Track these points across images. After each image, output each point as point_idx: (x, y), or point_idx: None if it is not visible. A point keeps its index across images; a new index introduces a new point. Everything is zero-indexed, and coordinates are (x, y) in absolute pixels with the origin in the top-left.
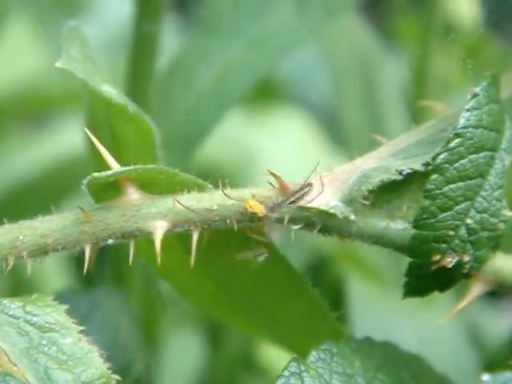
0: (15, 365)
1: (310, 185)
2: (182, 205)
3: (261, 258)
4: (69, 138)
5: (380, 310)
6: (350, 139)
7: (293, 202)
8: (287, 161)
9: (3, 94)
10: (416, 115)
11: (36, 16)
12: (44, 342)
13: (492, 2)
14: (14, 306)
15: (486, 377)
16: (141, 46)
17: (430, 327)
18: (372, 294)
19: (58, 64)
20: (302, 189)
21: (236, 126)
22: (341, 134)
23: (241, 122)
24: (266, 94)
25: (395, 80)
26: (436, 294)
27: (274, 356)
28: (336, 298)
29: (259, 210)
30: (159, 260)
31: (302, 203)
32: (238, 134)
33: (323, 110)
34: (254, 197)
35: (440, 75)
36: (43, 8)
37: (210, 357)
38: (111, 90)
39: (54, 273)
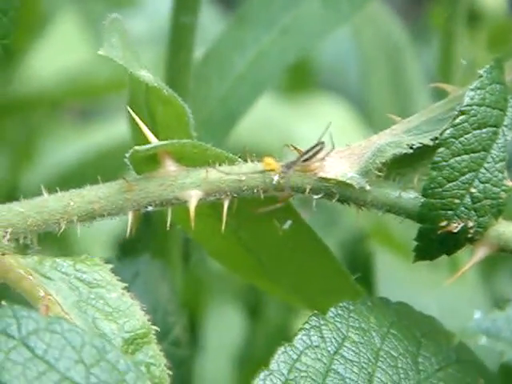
0: (67, 314)
1: (321, 143)
2: (214, 174)
3: (286, 225)
4: (116, 126)
5: (405, 281)
6: (377, 122)
7: (306, 160)
8: (325, 139)
9: (54, 83)
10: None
11: (84, 10)
12: (92, 296)
13: None
14: (65, 264)
15: (477, 314)
16: (179, 37)
17: (453, 298)
18: (398, 267)
19: (101, 52)
20: (313, 147)
21: (275, 111)
22: (370, 118)
23: (280, 108)
24: (304, 80)
25: (425, 67)
26: (460, 265)
27: None
28: (368, 271)
29: (275, 166)
30: (193, 225)
31: (314, 161)
32: (277, 119)
33: (360, 95)
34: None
35: (468, 61)
36: (91, 3)
37: (250, 328)
38: (148, 75)
39: (99, 250)
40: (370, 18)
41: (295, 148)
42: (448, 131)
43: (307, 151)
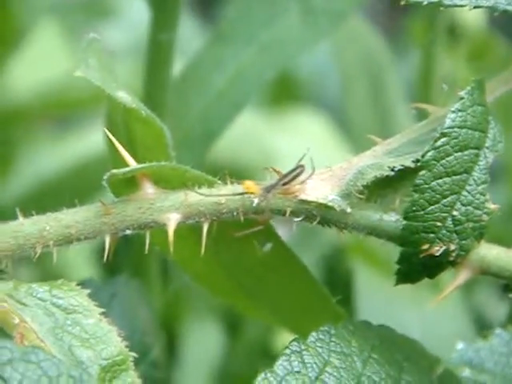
0: (42, 341)
1: (301, 166)
2: (193, 196)
3: (266, 248)
4: (94, 137)
5: (385, 298)
6: (358, 139)
7: (286, 183)
8: (305, 159)
9: (32, 95)
10: (422, 115)
11: (63, 21)
12: (68, 322)
13: None
14: (41, 289)
15: (460, 345)
16: (157, 54)
17: (433, 315)
18: (378, 283)
19: (78, 73)
20: (293, 170)
21: (254, 124)
22: (350, 132)
23: (259, 121)
24: (285, 94)
25: (404, 81)
26: (441, 284)
27: None
28: (348, 286)
29: (254, 189)
30: (172, 249)
31: (294, 184)
32: (257, 133)
33: (340, 106)
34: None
35: (449, 74)
36: (70, 13)
37: (229, 344)
38: (126, 96)
39: (80, 264)
40: (350, 34)
41: (275, 170)
42: (429, 153)
43: (287, 174)
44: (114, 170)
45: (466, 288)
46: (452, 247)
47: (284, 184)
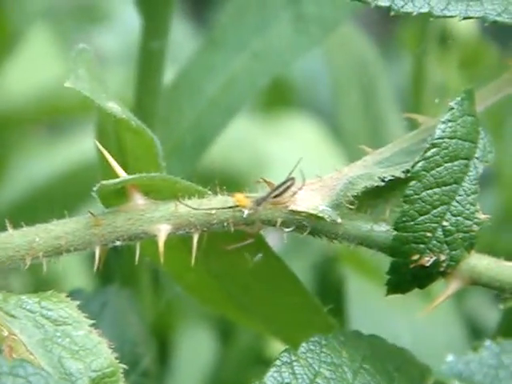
0: (32, 354)
1: (291, 179)
2: (184, 207)
3: (256, 258)
4: (87, 143)
5: (377, 306)
6: (349, 144)
7: (277, 196)
8: (298, 166)
9: (25, 100)
10: (414, 123)
11: (56, 27)
12: (58, 334)
13: None
14: (30, 301)
15: (450, 357)
16: (148, 62)
17: (424, 323)
18: (370, 291)
19: (67, 84)
20: (284, 183)
21: (247, 130)
22: (342, 138)
23: (252, 127)
24: (279, 99)
25: (395, 88)
26: (433, 292)
27: None
28: (339, 294)
29: (245, 202)
30: (162, 259)
31: (284, 196)
32: (249, 138)
33: (334, 114)
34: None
35: (440, 81)
36: (63, 19)
37: (221, 351)
38: (116, 107)
39: (74, 268)
40: (341, 40)
41: (266, 181)
42: (419, 164)
43: (278, 187)
44: (104, 182)
45: (457, 293)
46: (442, 258)
47: (275, 197)
